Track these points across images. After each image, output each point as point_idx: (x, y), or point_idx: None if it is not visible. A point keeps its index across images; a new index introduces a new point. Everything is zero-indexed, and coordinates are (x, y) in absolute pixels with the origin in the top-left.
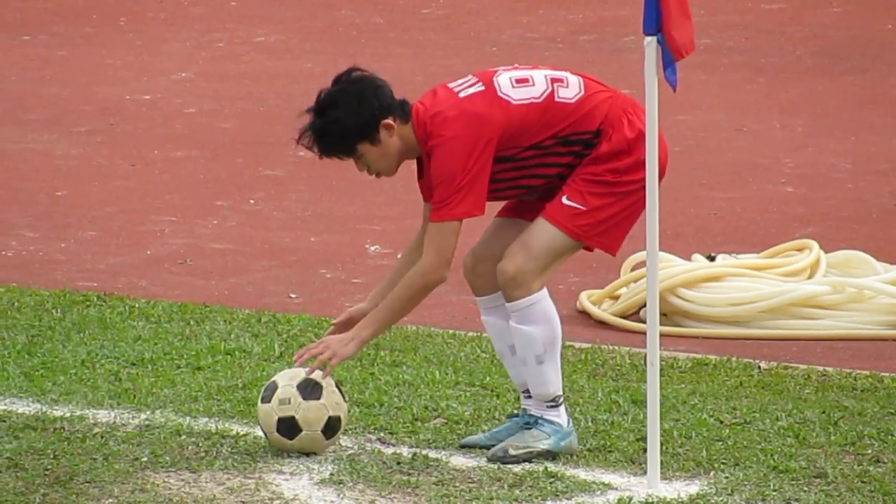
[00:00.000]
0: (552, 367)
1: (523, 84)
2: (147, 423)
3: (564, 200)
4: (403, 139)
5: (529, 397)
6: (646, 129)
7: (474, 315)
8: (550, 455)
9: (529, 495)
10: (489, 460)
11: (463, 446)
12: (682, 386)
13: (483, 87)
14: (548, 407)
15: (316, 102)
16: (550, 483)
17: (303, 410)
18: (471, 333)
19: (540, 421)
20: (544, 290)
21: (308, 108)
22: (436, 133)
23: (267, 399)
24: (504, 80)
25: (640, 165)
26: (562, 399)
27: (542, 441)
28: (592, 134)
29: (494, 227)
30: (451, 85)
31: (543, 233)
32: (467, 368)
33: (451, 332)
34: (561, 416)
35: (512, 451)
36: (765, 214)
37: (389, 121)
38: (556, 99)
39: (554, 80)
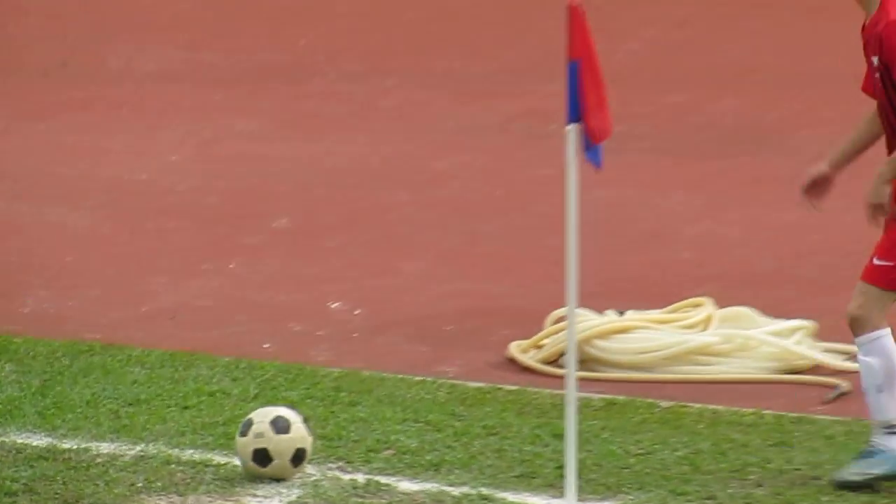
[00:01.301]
0: (889, 396)
1: None
2: (142, 453)
3: (875, 261)
4: None
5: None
6: (566, 208)
7: (421, 362)
8: (887, 479)
9: None
10: (834, 485)
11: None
12: (595, 422)
13: None
14: (885, 433)
15: None
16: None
17: (274, 443)
18: (417, 378)
19: (878, 449)
20: (887, 329)
21: None
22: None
23: (244, 433)
24: None
25: None
26: None
27: (879, 466)
28: None
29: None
30: None
31: (868, 288)
32: (413, 407)
33: (400, 376)
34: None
35: (850, 477)
36: (666, 276)
37: None
38: None
39: None
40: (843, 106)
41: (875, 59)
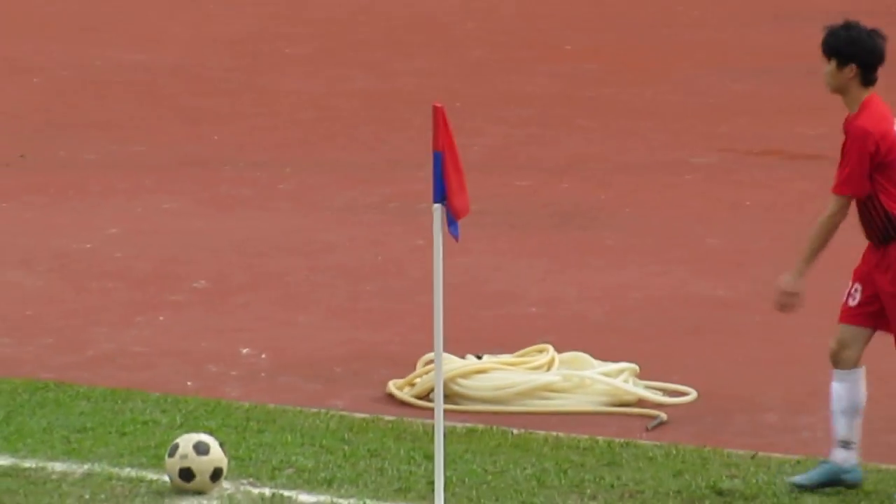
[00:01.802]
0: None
1: None
2: (88, 471)
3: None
4: (849, 93)
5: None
6: (433, 272)
7: (316, 397)
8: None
9: None
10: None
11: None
12: (459, 446)
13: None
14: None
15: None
16: None
17: (197, 463)
18: (312, 410)
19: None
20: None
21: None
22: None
23: (172, 454)
24: None
25: None
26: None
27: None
28: None
29: (851, 329)
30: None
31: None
32: (310, 434)
33: (298, 408)
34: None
35: (805, 482)
36: (516, 327)
37: (855, 69)
38: None
39: None
40: (657, 190)
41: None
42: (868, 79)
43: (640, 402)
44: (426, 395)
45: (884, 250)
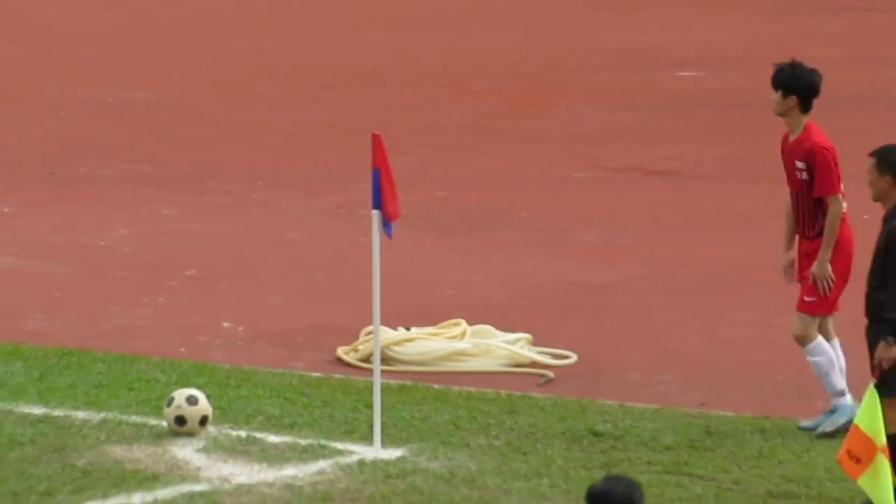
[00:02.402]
0: (833, 375)
1: None
2: (104, 418)
3: (806, 299)
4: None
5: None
6: (372, 262)
7: (281, 361)
8: (848, 424)
9: (309, 458)
10: (815, 435)
11: (800, 428)
12: (392, 398)
13: None
14: (838, 397)
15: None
16: (321, 450)
17: (188, 412)
18: (278, 370)
19: (837, 407)
20: (819, 337)
21: None
22: None
23: (169, 405)
24: None
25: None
26: (846, 391)
27: (841, 417)
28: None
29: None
30: None
31: (803, 316)
32: (277, 389)
33: (268, 369)
34: (846, 399)
35: (826, 429)
36: (436, 306)
37: (796, 99)
38: None
39: None
40: (545, 199)
41: (800, 163)
42: (806, 107)
43: (533, 364)
44: (367, 359)
45: (817, 242)
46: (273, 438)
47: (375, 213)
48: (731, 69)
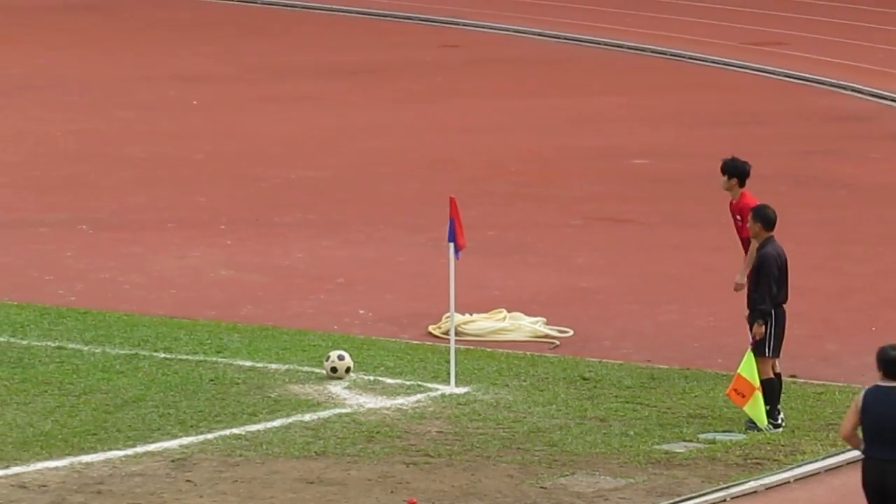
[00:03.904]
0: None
1: None
2: (289, 369)
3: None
4: (733, 190)
5: None
6: (449, 276)
7: (395, 334)
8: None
9: (411, 392)
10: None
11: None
12: (461, 356)
13: None
14: None
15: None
16: (418, 388)
17: (338, 364)
18: (394, 339)
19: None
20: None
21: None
22: None
23: (326, 360)
24: None
25: None
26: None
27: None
28: None
29: None
30: None
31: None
32: (393, 351)
33: (388, 339)
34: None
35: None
36: (487, 300)
37: (736, 180)
38: None
39: None
40: (554, 236)
41: (738, 217)
42: (742, 184)
43: (546, 336)
44: (446, 333)
45: None
46: (389, 381)
47: (450, 245)
48: (668, 159)
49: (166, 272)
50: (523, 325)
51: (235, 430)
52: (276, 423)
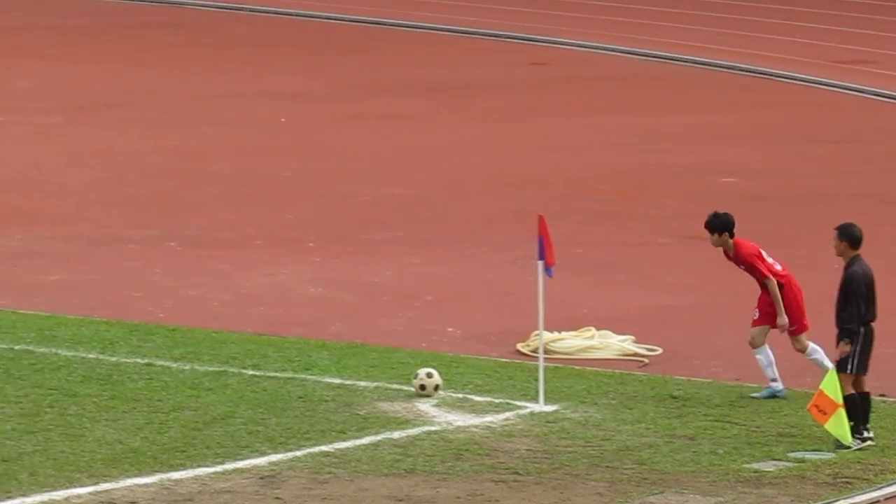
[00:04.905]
0: (769, 370)
1: None
2: (377, 386)
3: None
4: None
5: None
6: (538, 294)
7: (483, 352)
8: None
9: (499, 410)
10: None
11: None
12: (550, 374)
13: None
14: (771, 381)
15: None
16: (506, 406)
17: (427, 382)
18: (483, 357)
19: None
20: (765, 345)
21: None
22: None
23: (414, 377)
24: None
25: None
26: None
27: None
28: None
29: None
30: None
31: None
32: (481, 368)
33: (477, 357)
34: (779, 384)
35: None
36: (576, 318)
37: (727, 234)
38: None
39: None
40: (641, 254)
41: (741, 267)
42: (732, 234)
43: (635, 354)
44: (535, 350)
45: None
46: (478, 398)
47: (540, 263)
48: (756, 177)
49: (255, 289)
50: (612, 344)
51: (324, 448)
52: (365, 440)
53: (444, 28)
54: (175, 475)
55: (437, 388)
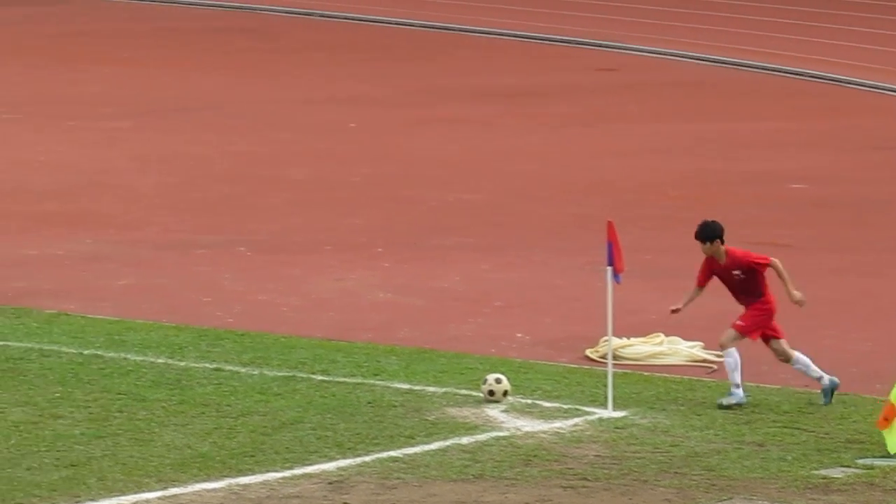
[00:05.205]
0: (734, 374)
1: None
2: (445, 392)
3: (738, 322)
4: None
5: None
6: (607, 300)
7: (551, 358)
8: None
9: (568, 416)
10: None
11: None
12: (619, 380)
13: None
14: (734, 386)
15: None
16: (575, 411)
17: (496, 387)
18: (551, 363)
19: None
20: (734, 348)
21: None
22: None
23: (483, 383)
24: None
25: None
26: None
27: (733, 399)
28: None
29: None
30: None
31: (731, 332)
32: (551, 374)
33: (546, 363)
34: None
35: (724, 403)
36: (644, 324)
37: (718, 241)
38: None
39: None
40: None
41: (736, 272)
42: (722, 241)
43: (704, 360)
44: (603, 356)
45: (754, 304)
46: (546, 404)
47: (609, 269)
48: (825, 183)
49: (324, 294)
50: (681, 350)
51: (392, 453)
52: (434, 445)
53: (513, 34)
54: (243, 480)
55: (505, 393)
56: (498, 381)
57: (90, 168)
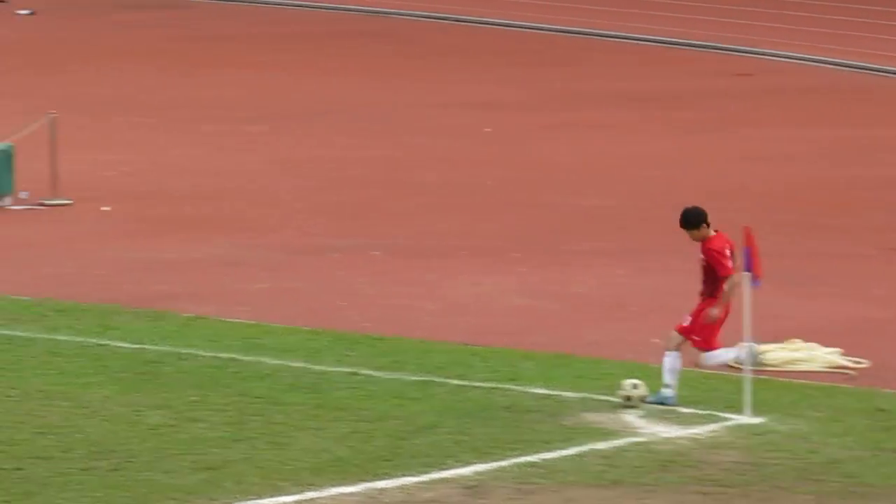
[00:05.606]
0: (672, 375)
1: None
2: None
3: (683, 324)
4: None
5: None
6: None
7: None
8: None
9: (705, 422)
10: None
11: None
12: (757, 387)
13: None
14: (664, 387)
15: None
16: (711, 417)
17: (632, 393)
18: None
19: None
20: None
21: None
22: None
23: (620, 389)
24: None
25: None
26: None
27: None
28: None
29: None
30: None
31: (675, 334)
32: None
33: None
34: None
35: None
36: (782, 330)
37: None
38: None
39: None
40: (845, 266)
41: (703, 258)
42: (708, 224)
43: (843, 367)
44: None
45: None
46: (683, 410)
47: (746, 275)
48: None
49: (460, 299)
50: (819, 356)
51: (529, 458)
52: (571, 451)
53: (648, 39)
54: (380, 484)
55: (642, 399)
56: (635, 386)
57: (227, 172)
